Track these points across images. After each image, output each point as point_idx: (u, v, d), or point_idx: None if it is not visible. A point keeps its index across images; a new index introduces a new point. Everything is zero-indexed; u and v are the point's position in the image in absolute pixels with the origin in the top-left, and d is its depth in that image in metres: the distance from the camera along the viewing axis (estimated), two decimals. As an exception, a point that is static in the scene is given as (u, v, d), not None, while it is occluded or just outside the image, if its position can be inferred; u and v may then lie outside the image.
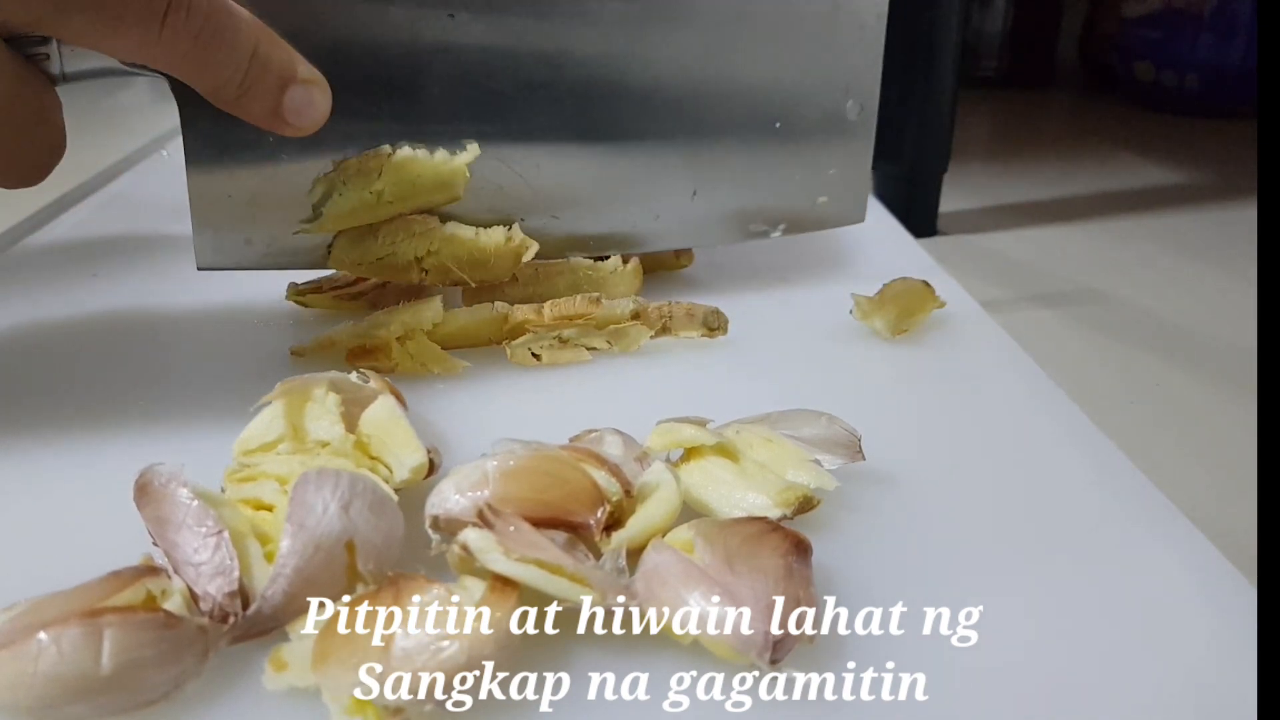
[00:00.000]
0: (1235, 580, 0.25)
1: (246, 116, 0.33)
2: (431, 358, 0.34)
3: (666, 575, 0.22)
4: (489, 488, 0.24)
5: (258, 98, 0.32)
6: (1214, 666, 0.22)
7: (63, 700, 0.19)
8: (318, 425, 0.28)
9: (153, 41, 0.29)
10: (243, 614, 0.21)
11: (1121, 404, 0.50)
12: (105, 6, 0.28)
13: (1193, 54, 1.07)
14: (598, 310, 0.35)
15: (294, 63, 0.32)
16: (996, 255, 0.70)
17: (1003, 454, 0.31)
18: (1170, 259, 0.71)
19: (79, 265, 0.44)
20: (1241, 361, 0.54)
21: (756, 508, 0.26)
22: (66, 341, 0.37)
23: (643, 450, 0.28)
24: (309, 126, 0.33)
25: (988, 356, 0.38)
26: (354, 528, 0.22)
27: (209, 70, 0.31)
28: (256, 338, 0.37)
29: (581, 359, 0.35)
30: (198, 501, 0.23)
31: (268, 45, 0.32)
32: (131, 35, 0.29)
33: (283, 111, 0.33)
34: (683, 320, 0.35)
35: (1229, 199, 0.85)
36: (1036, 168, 0.95)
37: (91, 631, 0.19)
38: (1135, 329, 0.59)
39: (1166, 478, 0.30)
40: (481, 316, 0.35)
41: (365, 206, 0.35)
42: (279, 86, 0.32)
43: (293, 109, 0.33)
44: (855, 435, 0.29)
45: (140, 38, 0.29)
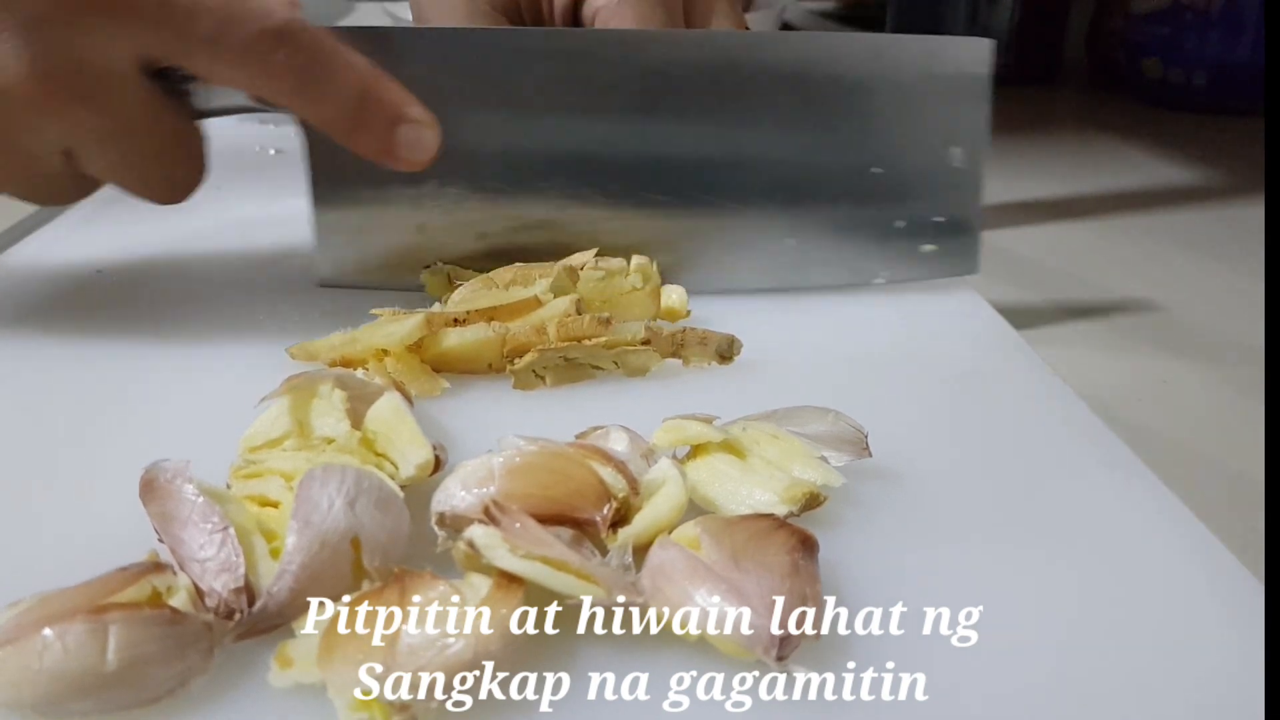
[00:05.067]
0: (1244, 579, 0.25)
1: (359, 150, 0.35)
2: (412, 375, 0.33)
3: (672, 572, 0.22)
4: (495, 484, 0.24)
5: (369, 133, 0.35)
6: (1221, 666, 0.22)
7: (67, 697, 0.19)
8: (323, 422, 0.28)
9: (265, 76, 0.33)
10: (248, 610, 0.21)
11: (1129, 401, 0.50)
12: (222, 43, 0.32)
13: (1200, 51, 1.07)
14: (607, 332, 0.34)
15: (406, 103, 0.35)
16: (1003, 252, 0.70)
17: (1009, 450, 0.31)
18: (1177, 255, 0.71)
19: (83, 261, 0.44)
20: (1250, 358, 0.54)
21: (763, 504, 0.26)
22: (70, 338, 0.37)
23: (649, 447, 0.28)
24: (419, 163, 0.36)
25: (995, 354, 0.38)
26: (359, 524, 0.22)
27: (318, 104, 0.34)
28: (264, 335, 0.37)
29: (588, 378, 0.34)
30: (203, 498, 0.23)
31: (379, 86, 0.35)
32: (247, 70, 0.33)
33: (394, 148, 0.36)
34: (695, 348, 0.35)
35: (1236, 196, 0.84)
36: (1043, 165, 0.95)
37: (97, 628, 0.19)
38: (1143, 326, 0.58)
39: (1175, 475, 0.30)
40: (477, 336, 0.33)
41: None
42: (390, 124, 0.35)
43: (404, 146, 0.36)
44: (862, 432, 0.29)
45: (254, 73, 0.33)
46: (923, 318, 0.40)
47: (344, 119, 0.35)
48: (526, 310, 0.34)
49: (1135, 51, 1.12)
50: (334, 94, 0.34)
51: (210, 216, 0.49)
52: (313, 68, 0.34)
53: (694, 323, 0.37)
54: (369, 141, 0.35)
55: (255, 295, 0.40)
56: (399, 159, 0.36)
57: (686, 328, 0.35)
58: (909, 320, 0.40)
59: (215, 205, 0.50)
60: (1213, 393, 0.51)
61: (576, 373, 0.34)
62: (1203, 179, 0.90)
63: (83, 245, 0.46)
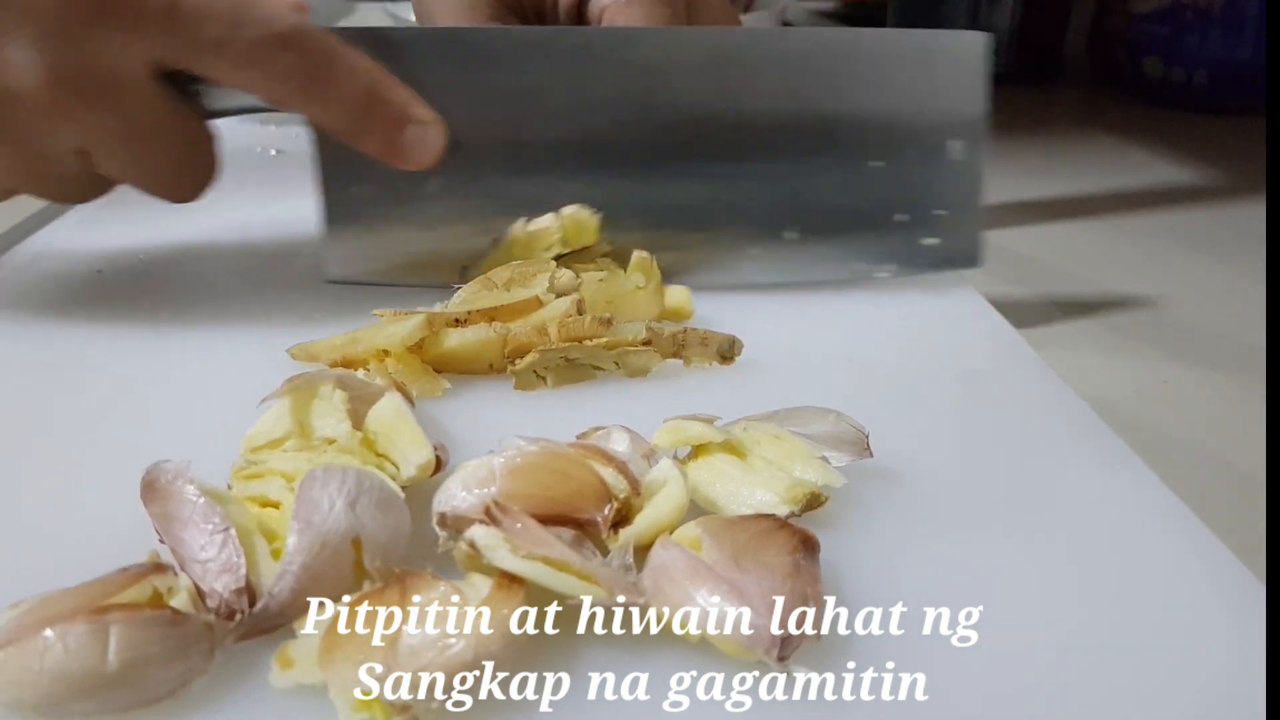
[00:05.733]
0: (1245, 578, 0.25)
1: (366, 150, 0.36)
2: (413, 375, 0.33)
3: (674, 572, 0.22)
4: (496, 484, 0.24)
5: (376, 134, 0.36)
6: (1222, 666, 0.22)
7: (68, 698, 0.19)
8: (324, 422, 0.28)
9: (272, 79, 0.34)
10: (249, 611, 0.21)
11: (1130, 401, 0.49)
12: (230, 47, 0.33)
13: (1202, 50, 1.07)
14: (608, 332, 0.34)
15: (411, 104, 0.36)
16: (1004, 251, 0.69)
17: (1010, 450, 0.31)
18: (1178, 255, 0.71)
19: (84, 262, 0.44)
20: (1251, 358, 0.54)
21: (764, 505, 0.26)
22: (70, 339, 0.37)
23: (650, 447, 0.28)
24: (425, 162, 0.37)
25: (997, 354, 0.38)
26: (361, 525, 0.22)
27: (325, 106, 0.35)
28: (265, 335, 0.37)
29: (589, 378, 0.34)
30: (204, 498, 0.23)
31: (384, 87, 0.36)
32: (255, 74, 0.34)
33: (400, 148, 0.36)
34: (697, 348, 0.35)
35: (1237, 195, 0.84)
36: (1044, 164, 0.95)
37: (97, 628, 0.19)
38: (1144, 326, 0.58)
39: (1175, 475, 0.30)
40: (478, 337, 0.33)
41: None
42: (396, 124, 0.36)
43: (410, 146, 0.36)
44: (863, 432, 0.29)
45: (262, 76, 0.34)
46: (924, 318, 0.40)
47: (350, 121, 0.36)
48: (527, 311, 0.34)
49: (1136, 51, 1.12)
50: (340, 96, 0.35)
51: (211, 217, 0.49)
52: (319, 71, 0.34)
53: (695, 323, 0.37)
54: (375, 142, 0.36)
55: (256, 296, 0.40)
56: (405, 158, 0.37)
57: (687, 328, 0.35)
58: (910, 321, 0.40)
59: (216, 206, 0.50)
60: (1214, 392, 0.51)
61: (578, 373, 0.34)
62: (1204, 178, 0.90)
63: (84, 245, 0.46)
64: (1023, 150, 0.99)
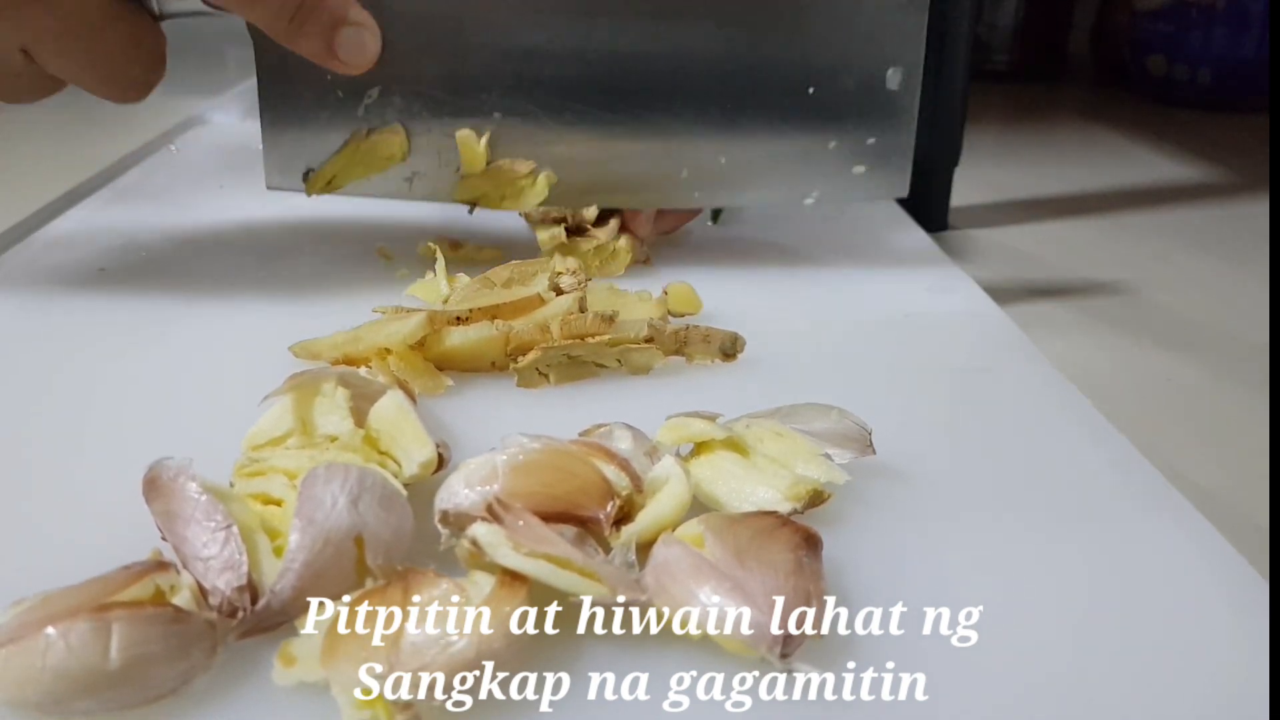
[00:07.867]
0: (1248, 575, 0.25)
1: (300, 51, 0.37)
2: (415, 373, 0.33)
3: (676, 570, 0.22)
4: (498, 482, 0.24)
5: (311, 35, 0.37)
6: (1224, 663, 0.22)
7: (71, 695, 0.19)
8: (327, 420, 0.28)
9: None
10: (251, 609, 0.21)
11: (1133, 399, 0.49)
12: None
13: (1205, 48, 1.07)
14: (610, 330, 0.34)
15: (346, 5, 0.37)
16: (1008, 250, 0.69)
17: (1014, 448, 0.31)
18: (1182, 253, 0.70)
19: (86, 259, 0.44)
20: (1254, 356, 0.54)
21: (767, 502, 0.26)
22: (73, 336, 0.37)
23: (652, 445, 0.28)
24: (360, 65, 0.38)
25: (1000, 352, 0.38)
26: (363, 522, 0.22)
27: (261, 6, 0.36)
28: (267, 333, 0.37)
29: (592, 375, 0.34)
30: (207, 496, 0.23)
31: None
32: None
33: (335, 49, 0.37)
34: (699, 345, 0.35)
35: (1241, 193, 0.84)
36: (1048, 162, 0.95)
37: (100, 626, 0.19)
38: (1147, 323, 0.58)
39: (1179, 473, 0.30)
40: (480, 334, 0.33)
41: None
42: (331, 26, 0.37)
43: (344, 48, 0.37)
44: (866, 429, 0.29)
45: None
46: (927, 315, 0.40)
47: (285, 20, 0.36)
48: (530, 308, 0.34)
49: (1140, 48, 1.12)
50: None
51: (212, 215, 0.49)
52: None
53: (698, 320, 0.37)
54: (310, 43, 0.37)
55: (257, 294, 0.40)
56: (339, 61, 0.38)
57: (690, 325, 0.35)
58: (914, 317, 0.40)
59: (217, 203, 0.50)
60: (1216, 389, 0.50)
61: (580, 370, 0.34)
62: (1207, 176, 0.90)
63: (85, 244, 0.46)
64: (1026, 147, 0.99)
